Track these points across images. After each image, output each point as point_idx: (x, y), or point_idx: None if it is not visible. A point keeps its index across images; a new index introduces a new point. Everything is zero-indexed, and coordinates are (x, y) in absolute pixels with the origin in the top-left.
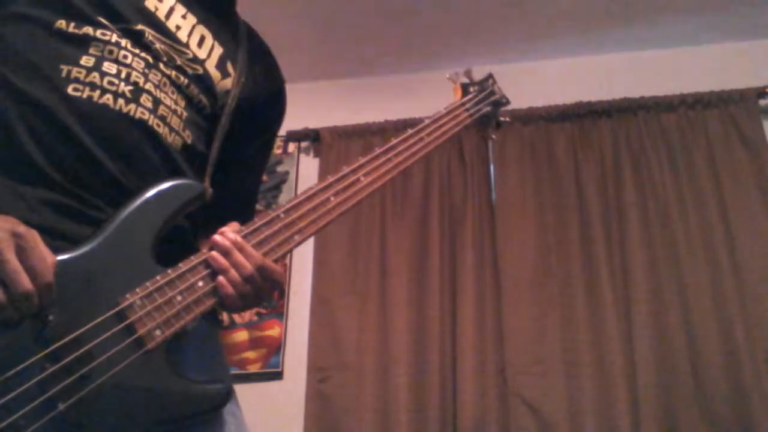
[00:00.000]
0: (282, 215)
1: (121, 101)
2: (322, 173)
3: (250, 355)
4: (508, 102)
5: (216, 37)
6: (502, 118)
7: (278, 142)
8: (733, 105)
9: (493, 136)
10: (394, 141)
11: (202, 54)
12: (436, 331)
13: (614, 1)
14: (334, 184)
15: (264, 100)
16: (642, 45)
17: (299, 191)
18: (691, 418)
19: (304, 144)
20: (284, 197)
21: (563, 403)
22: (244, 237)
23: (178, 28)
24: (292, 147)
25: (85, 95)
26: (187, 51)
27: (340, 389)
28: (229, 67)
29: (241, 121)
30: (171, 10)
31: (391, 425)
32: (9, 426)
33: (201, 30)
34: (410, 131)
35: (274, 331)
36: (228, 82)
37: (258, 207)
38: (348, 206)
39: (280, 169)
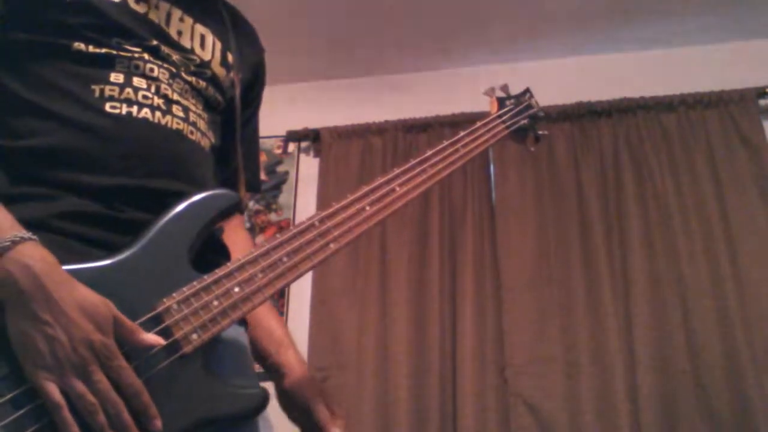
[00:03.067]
0: (317, 223)
1: (158, 114)
2: (322, 173)
3: None
4: (544, 115)
5: (213, 31)
6: (540, 132)
7: (278, 142)
8: (733, 105)
9: (532, 149)
10: (429, 152)
11: (206, 56)
12: (436, 331)
13: (614, 1)
14: (369, 193)
15: (255, 73)
16: (642, 45)
17: (299, 191)
18: (691, 418)
19: (304, 144)
20: (284, 197)
21: (563, 403)
22: (280, 244)
23: (180, 34)
24: (292, 147)
25: (123, 111)
26: (194, 57)
27: (340, 389)
28: (229, 57)
29: (244, 102)
30: (169, 16)
31: (391, 425)
32: (52, 424)
33: (200, 29)
34: (445, 143)
35: None
36: (231, 75)
37: (258, 207)
38: (383, 215)
39: (280, 169)
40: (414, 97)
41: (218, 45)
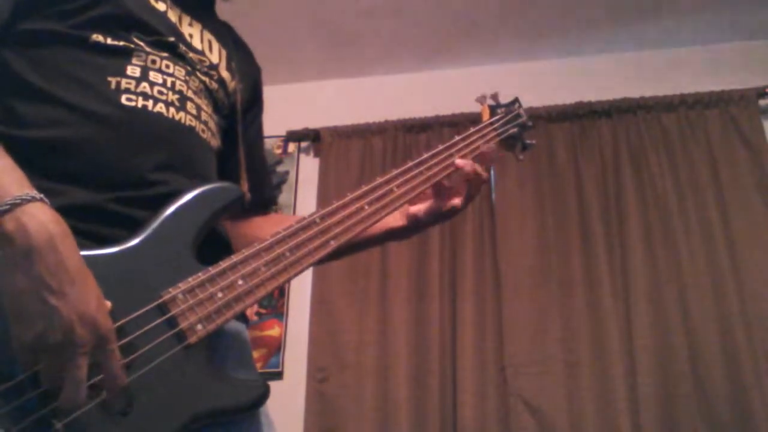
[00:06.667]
0: (318, 220)
1: (172, 110)
2: (322, 173)
3: None
4: (532, 125)
5: (218, 39)
6: (528, 141)
7: (278, 142)
8: (733, 105)
9: (521, 157)
10: (425, 155)
11: (214, 59)
12: (436, 331)
13: (614, 2)
14: (368, 193)
15: (254, 88)
16: (642, 45)
17: (299, 191)
18: (691, 417)
19: (304, 144)
20: (284, 197)
21: (563, 403)
22: (282, 239)
23: (191, 36)
24: (292, 147)
25: (139, 105)
26: (205, 58)
27: (340, 389)
28: (233, 66)
29: (244, 113)
30: (180, 19)
31: (391, 425)
32: (54, 411)
33: (207, 35)
34: (440, 147)
35: (274, 331)
36: (234, 83)
37: None
38: (382, 215)
39: (280, 169)
40: (414, 96)
41: (223, 52)
